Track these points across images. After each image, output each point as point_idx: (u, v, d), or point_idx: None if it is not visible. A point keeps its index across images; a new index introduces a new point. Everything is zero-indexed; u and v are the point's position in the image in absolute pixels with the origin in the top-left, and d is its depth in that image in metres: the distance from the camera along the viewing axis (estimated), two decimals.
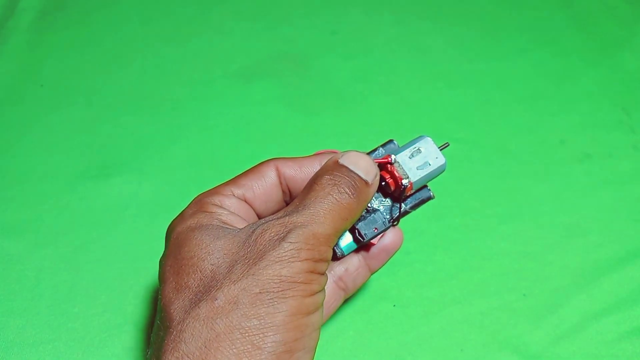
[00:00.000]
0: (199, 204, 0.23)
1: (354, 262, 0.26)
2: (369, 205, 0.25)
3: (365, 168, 0.22)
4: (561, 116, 0.42)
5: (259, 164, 0.24)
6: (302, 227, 0.20)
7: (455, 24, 0.48)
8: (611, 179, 0.39)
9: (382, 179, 0.24)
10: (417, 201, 0.25)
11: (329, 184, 0.21)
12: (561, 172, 0.39)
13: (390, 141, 0.26)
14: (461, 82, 0.44)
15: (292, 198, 0.24)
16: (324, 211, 0.21)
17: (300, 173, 0.24)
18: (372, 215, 0.24)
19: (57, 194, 0.36)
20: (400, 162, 0.24)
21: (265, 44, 0.46)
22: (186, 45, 0.46)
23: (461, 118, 0.42)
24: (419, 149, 0.24)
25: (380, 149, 0.26)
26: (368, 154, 0.25)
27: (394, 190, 0.24)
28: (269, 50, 0.45)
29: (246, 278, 0.19)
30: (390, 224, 0.25)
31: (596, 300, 0.33)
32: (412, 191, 0.24)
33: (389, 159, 0.24)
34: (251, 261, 0.19)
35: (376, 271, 0.27)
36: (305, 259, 0.20)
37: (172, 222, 0.23)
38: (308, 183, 0.22)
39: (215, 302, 0.19)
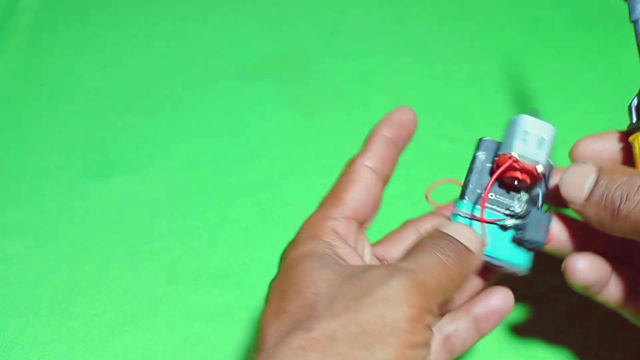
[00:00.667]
0: (311, 228, 0.23)
1: (464, 323, 0.24)
2: (514, 210, 0.23)
3: (468, 237, 0.22)
4: (561, 116, 0.42)
5: (348, 170, 0.24)
6: (410, 271, 0.19)
7: (456, 24, 0.48)
8: None
9: (512, 178, 0.23)
10: (547, 181, 0.24)
11: (432, 247, 0.21)
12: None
13: (481, 141, 0.25)
14: (461, 82, 0.44)
15: (385, 183, 0.25)
16: (430, 264, 0.20)
17: (388, 169, 0.25)
18: (528, 218, 0.23)
19: (57, 194, 0.36)
20: (522, 154, 0.23)
21: (265, 44, 0.46)
22: (187, 45, 0.46)
23: (461, 118, 0.42)
24: (525, 130, 0.23)
25: (479, 154, 0.25)
26: (470, 169, 0.25)
27: (530, 183, 0.23)
28: (270, 50, 0.45)
29: (347, 314, 0.18)
30: (549, 212, 0.23)
31: None
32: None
33: (512, 157, 0.22)
34: (354, 296, 0.18)
35: (485, 336, 0.25)
36: (412, 305, 0.18)
37: (286, 248, 0.23)
38: (413, 244, 0.22)
39: (311, 333, 0.18)
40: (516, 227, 0.23)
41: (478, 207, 0.24)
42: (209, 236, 0.35)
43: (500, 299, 0.24)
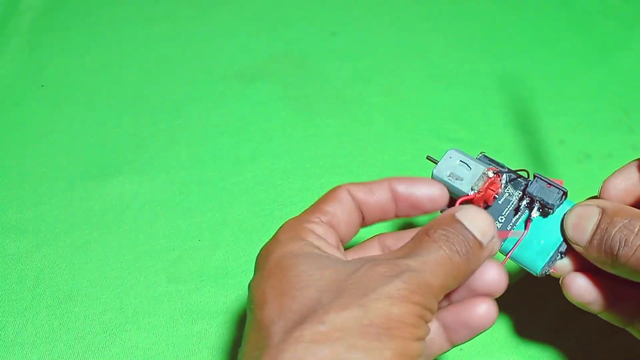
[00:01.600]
0: (293, 230, 0.23)
1: (434, 329, 0.23)
2: (518, 201, 0.24)
3: (482, 228, 0.21)
4: (560, 116, 0.43)
5: (333, 190, 0.24)
6: (414, 271, 0.20)
7: (455, 25, 0.49)
8: None
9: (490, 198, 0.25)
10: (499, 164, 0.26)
11: (441, 238, 0.21)
12: (560, 172, 0.39)
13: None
14: (460, 82, 0.44)
15: (365, 223, 0.25)
16: (435, 262, 0.20)
17: (372, 197, 0.24)
18: (534, 193, 0.24)
19: (58, 194, 0.37)
20: (472, 187, 0.24)
21: (265, 45, 0.46)
22: (187, 46, 0.46)
23: (461, 118, 0.42)
24: (450, 174, 0.25)
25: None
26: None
27: (496, 190, 0.25)
28: (270, 51, 0.46)
29: (355, 308, 0.19)
30: (532, 176, 0.25)
31: None
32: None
33: (470, 195, 0.24)
34: (360, 292, 0.19)
35: (457, 345, 0.23)
36: (416, 302, 0.19)
37: (267, 247, 0.23)
38: (419, 232, 0.22)
39: (321, 326, 0.18)
40: (541, 208, 0.24)
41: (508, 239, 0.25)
42: (209, 236, 0.35)
43: (479, 312, 0.22)
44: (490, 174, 0.25)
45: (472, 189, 0.24)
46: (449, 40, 0.47)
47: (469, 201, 0.24)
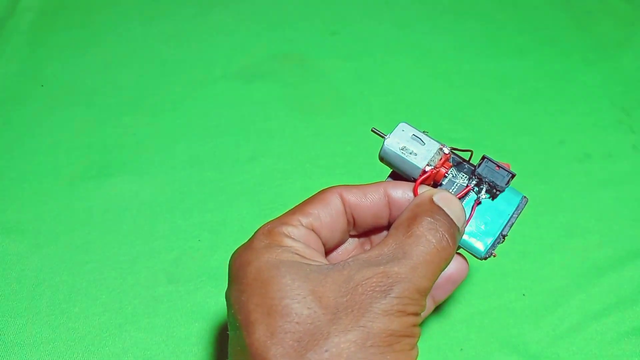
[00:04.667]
0: (270, 235, 0.22)
1: None
2: (469, 181, 0.24)
3: (457, 213, 0.22)
4: (561, 116, 0.42)
5: (322, 191, 0.23)
6: (406, 281, 0.20)
7: (455, 25, 0.48)
8: (611, 178, 0.39)
9: (439, 177, 0.24)
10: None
11: (429, 228, 0.21)
12: (561, 172, 0.39)
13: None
14: (461, 82, 0.44)
15: (356, 226, 0.24)
16: (425, 261, 0.20)
17: (365, 200, 0.23)
18: (483, 174, 0.23)
19: (57, 194, 0.37)
20: (427, 162, 0.23)
21: (265, 45, 0.46)
22: (187, 46, 0.46)
23: (461, 118, 0.42)
24: (402, 148, 0.23)
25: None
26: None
27: (448, 168, 0.24)
28: (270, 50, 0.45)
29: (356, 330, 0.19)
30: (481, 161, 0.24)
31: (596, 300, 0.33)
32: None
33: (426, 170, 0.23)
34: (357, 311, 0.19)
35: (440, 303, 0.25)
36: (411, 313, 0.20)
37: (241, 253, 0.22)
38: (403, 220, 0.21)
39: (325, 353, 0.18)
40: (490, 189, 0.24)
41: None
42: (209, 236, 0.35)
43: (456, 266, 0.24)
44: (446, 150, 0.24)
45: (428, 165, 0.23)
46: (449, 40, 0.47)
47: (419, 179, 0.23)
